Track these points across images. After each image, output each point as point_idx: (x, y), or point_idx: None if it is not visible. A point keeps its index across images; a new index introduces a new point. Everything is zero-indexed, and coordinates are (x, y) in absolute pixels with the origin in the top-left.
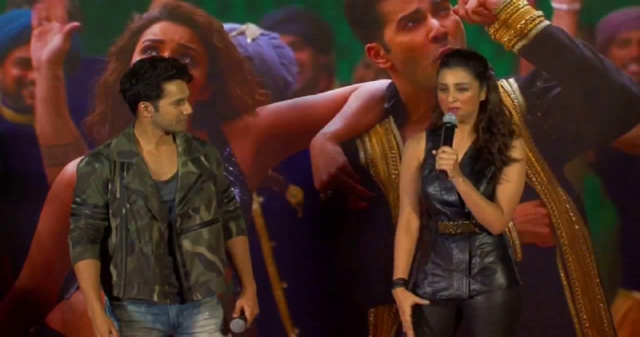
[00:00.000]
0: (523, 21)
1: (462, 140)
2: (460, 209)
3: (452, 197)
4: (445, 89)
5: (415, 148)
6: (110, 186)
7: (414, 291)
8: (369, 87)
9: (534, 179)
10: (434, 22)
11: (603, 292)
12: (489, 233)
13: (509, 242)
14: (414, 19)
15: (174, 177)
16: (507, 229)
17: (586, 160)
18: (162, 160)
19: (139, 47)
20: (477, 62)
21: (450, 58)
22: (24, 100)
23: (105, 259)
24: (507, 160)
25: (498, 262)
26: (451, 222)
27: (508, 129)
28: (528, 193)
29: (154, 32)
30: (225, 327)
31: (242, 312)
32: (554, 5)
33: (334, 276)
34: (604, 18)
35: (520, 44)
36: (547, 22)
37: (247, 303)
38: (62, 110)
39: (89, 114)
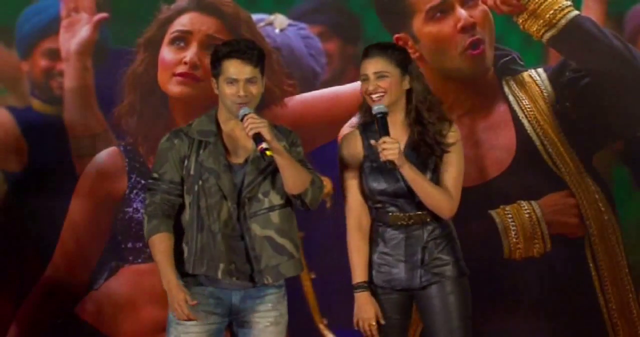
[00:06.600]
0: (552, 11)
1: (397, 134)
2: (410, 199)
3: (402, 189)
4: (366, 79)
5: (351, 146)
6: (186, 162)
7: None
8: None
9: (562, 169)
10: (462, 12)
11: (632, 283)
12: (439, 225)
13: (456, 234)
14: (443, 9)
15: (247, 161)
16: (535, 219)
17: (615, 150)
18: (238, 143)
19: (167, 37)
20: (397, 51)
21: (369, 49)
22: (52, 91)
23: (177, 236)
24: (445, 148)
25: (447, 254)
26: (402, 214)
27: (437, 116)
28: (557, 183)
29: (182, 22)
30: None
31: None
32: None
33: None
34: (633, 7)
35: (549, 34)
36: (576, 12)
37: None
38: (90, 101)
39: (118, 104)
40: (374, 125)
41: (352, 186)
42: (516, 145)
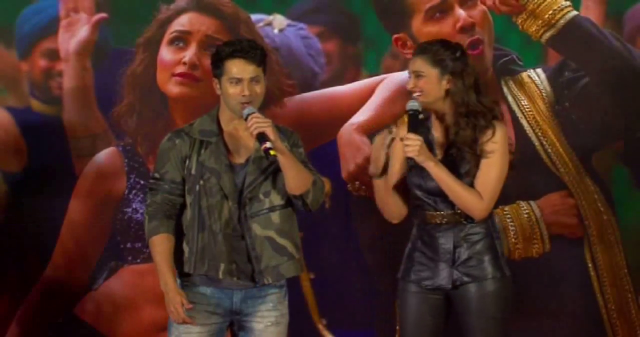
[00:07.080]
0: (551, 11)
1: (439, 133)
2: (446, 198)
3: (437, 186)
4: (410, 76)
5: None
6: (187, 162)
7: (403, 278)
8: (396, 77)
9: (562, 169)
10: (461, 12)
11: (631, 283)
12: (475, 225)
13: (498, 234)
14: (442, 9)
15: (249, 161)
16: (534, 219)
17: (615, 151)
18: (240, 143)
19: (167, 38)
20: (439, 50)
21: (417, 47)
22: (51, 91)
23: (178, 236)
24: (479, 155)
25: (484, 253)
26: (437, 212)
27: (475, 123)
28: (556, 183)
29: (182, 23)
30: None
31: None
32: None
33: (361, 266)
34: (631, 7)
35: (548, 34)
36: (575, 12)
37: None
38: (89, 101)
39: (117, 104)
40: (426, 122)
41: (394, 178)
42: (515, 145)
